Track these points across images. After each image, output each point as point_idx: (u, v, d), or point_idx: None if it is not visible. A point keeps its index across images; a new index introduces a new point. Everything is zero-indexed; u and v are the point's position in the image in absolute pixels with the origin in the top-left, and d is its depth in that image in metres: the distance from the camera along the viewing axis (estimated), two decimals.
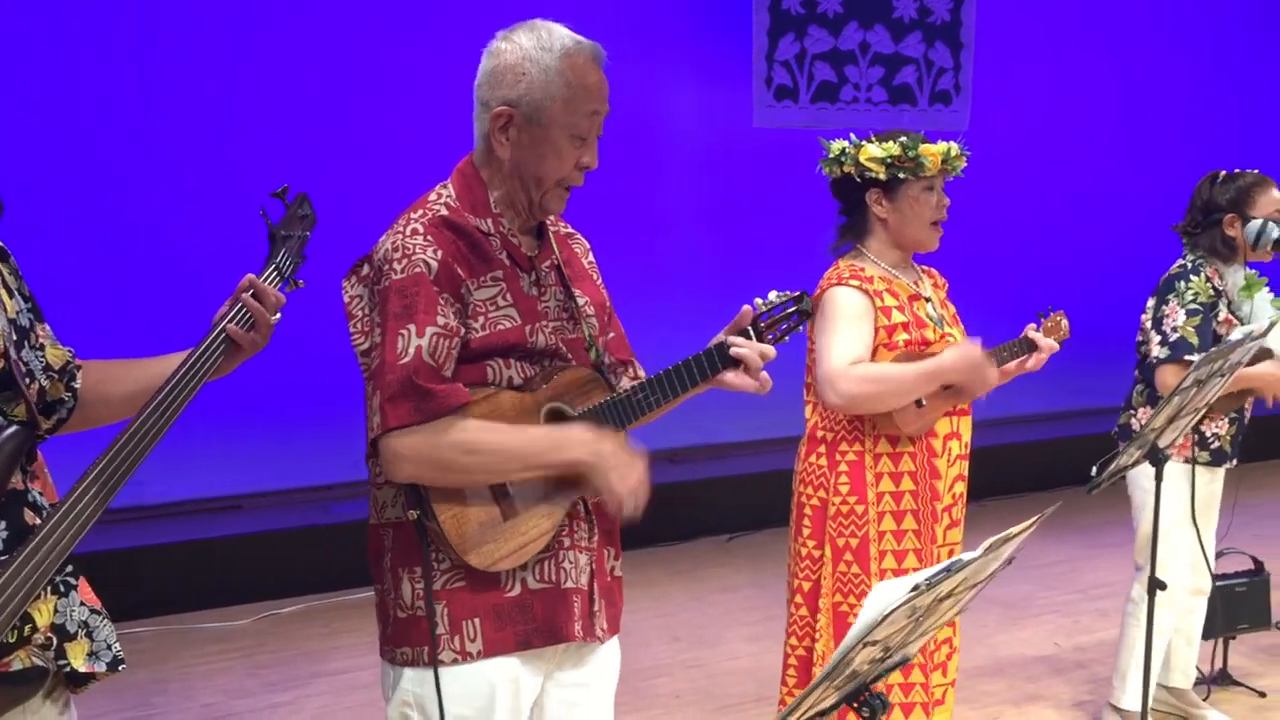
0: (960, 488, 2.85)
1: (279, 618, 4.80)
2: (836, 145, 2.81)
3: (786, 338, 2.12)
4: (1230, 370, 2.61)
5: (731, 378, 2.00)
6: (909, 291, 2.80)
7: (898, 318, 2.73)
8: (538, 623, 1.92)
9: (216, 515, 5.36)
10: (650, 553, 5.57)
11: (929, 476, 2.76)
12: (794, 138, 6.63)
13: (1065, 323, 2.97)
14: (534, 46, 1.87)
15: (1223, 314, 3.37)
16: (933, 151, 2.76)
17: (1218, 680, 4.08)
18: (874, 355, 2.71)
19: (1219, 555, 4.05)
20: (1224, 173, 3.49)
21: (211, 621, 4.75)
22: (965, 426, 2.85)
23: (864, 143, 2.78)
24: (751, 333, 2.04)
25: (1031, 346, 2.81)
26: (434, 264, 1.84)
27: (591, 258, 2.15)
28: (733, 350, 1.99)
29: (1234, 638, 4.10)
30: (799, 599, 2.82)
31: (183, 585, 4.89)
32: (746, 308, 2.06)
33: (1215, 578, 3.98)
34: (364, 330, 1.89)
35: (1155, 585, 2.64)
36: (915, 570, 2.73)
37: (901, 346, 2.71)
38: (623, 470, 1.88)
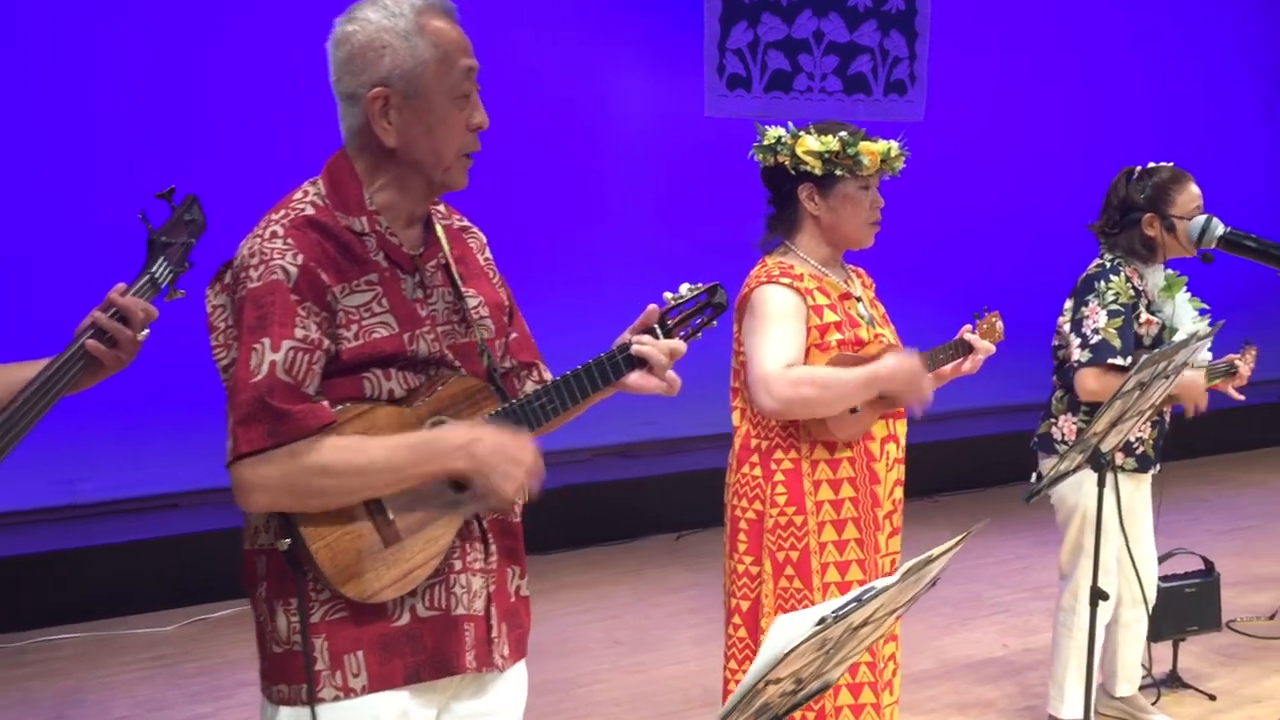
0: (899, 493, 2.74)
1: (207, 624, 4.64)
2: (773, 132, 2.67)
3: (699, 334, 2.00)
4: (1175, 371, 2.52)
5: (636, 379, 1.88)
6: (839, 290, 2.68)
7: (830, 317, 2.61)
8: (428, 654, 1.77)
9: (153, 514, 5.20)
10: (594, 552, 5.46)
11: (869, 482, 2.65)
12: (747, 127, 6.46)
13: (1000, 324, 2.87)
14: (384, 17, 1.71)
15: (1143, 315, 3.27)
16: (872, 150, 2.64)
17: (1168, 683, 4.01)
18: (806, 356, 2.59)
19: (1168, 556, 3.98)
20: (1139, 169, 3.37)
21: (138, 628, 4.58)
22: (902, 428, 2.74)
23: (802, 133, 2.64)
24: (659, 330, 1.91)
25: (967, 349, 2.71)
26: (293, 270, 1.67)
27: (489, 254, 1.99)
28: (635, 349, 1.86)
29: (1184, 640, 4.03)
30: (737, 619, 2.68)
31: (110, 589, 4.72)
32: (652, 306, 1.93)
33: (1163, 579, 3.92)
34: (225, 344, 1.72)
35: (1096, 595, 2.54)
36: (860, 583, 2.62)
37: (834, 347, 2.59)
38: (506, 468, 1.72)
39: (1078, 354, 3.25)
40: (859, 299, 2.73)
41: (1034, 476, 2.44)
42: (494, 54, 6.01)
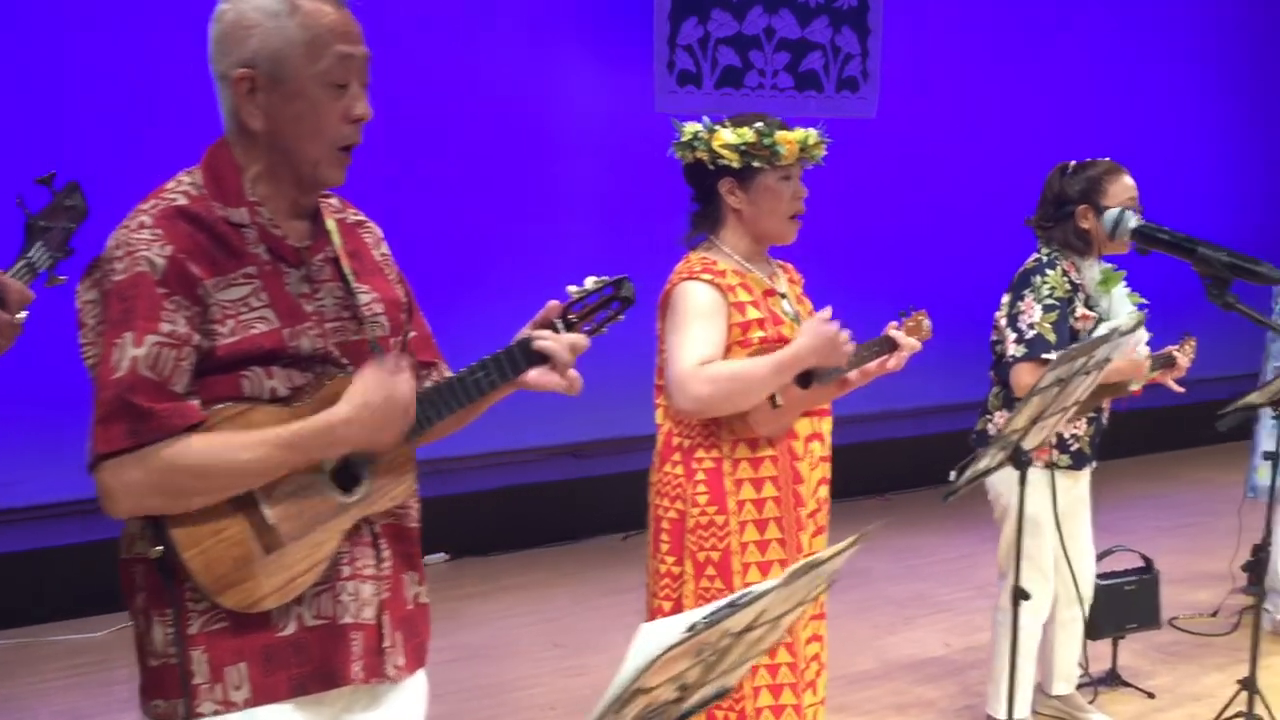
0: (824, 491, 2.69)
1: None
2: (689, 128, 2.62)
3: (605, 329, 1.92)
4: (1097, 367, 2.48)
5: (535, 377, 1.80)
6: (763, 286, 2.63)
7: (752, 314, 2.56)
8: (314, 664, 1.69)
9: (87, 518, 5.08)
10: (536, 554, 5.39)
11: (791, 481, 2.60)
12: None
13: (927, 322, 2.83)
14: None
15: (1079, 309, 3.25)
16: (790, 139, 2.59)
17: (1107, 681, 4.00)
18: (728, 353, 2.54)
19: (1107, 554, 3.96)
20: (1074, 163, 3.37)
21: (66, 634, 4.47)
22: (827, 427, 2.70)
23: (718, 127, 2.59)
24: (560, 325, 1.84)
25: (892, 346, 2.66)
26: (160, 262, 1.59)
27: (385, 249, 1.91)
28: (536, 344, 1.79)
29: (1123, 637, 4.01)
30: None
31: (37, 595, 4.60)
32: (553, 301, 1.86)
33: (1101, 577, 3.90)
34: (95, 341, 1.64)
35: (1018, 594, 2.50)
36: None
37: (757, 344, 2.54)
38: (382, 436, 1.68)
39: (1013, 349, 3.23)
40: (783, 295, 2.69)
41: (952, 474, 2.39)
42: (441, 47, 5.96)
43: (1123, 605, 3.92)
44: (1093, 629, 3.86)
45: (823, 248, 6.84)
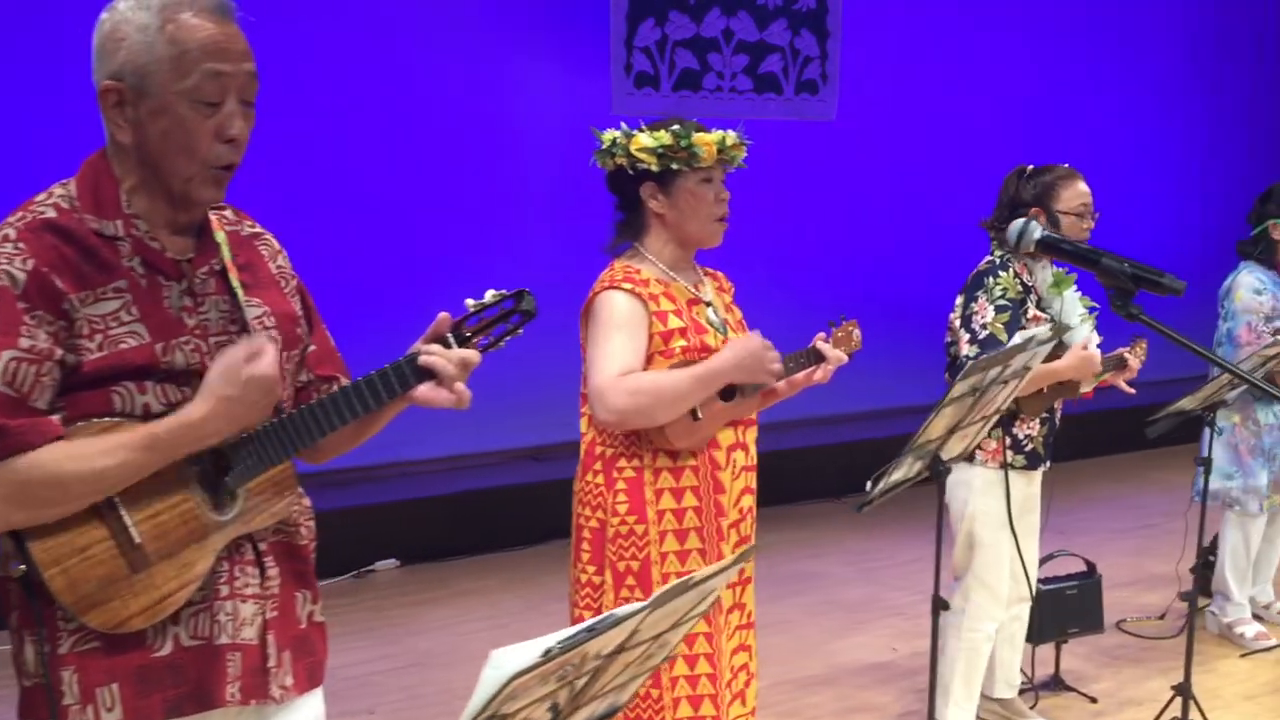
0: (748, 501, 2.65)
1: None
2: (608, 135, 2.60)
3: (503, 343, 1.89)
4: (1015, 376, 2.47)
5: (424, 392, 1.76)
6: (687, 295, 2.60)
7: (674, 323, 2.52)
8: (190, 686, 1.67)
9: None
10: (490, 559, 5.36)
11: (712, 491, 2.56)
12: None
13: (857, 333, 2.79)
14: (130, 6, 1.60)
15: (1031, 311, 3.25)
16: (707, 141, 2.56)
17: (1050, 686, 4.00)
18: (649, 364, 2.51)
19: (1049, 558, 3.97)
20: (1031, 167, 3.39)
21: None
22: (751, 436, 2.67)
23: (635, 132, 2.57)
24: (452, 340, 1.80)
25: (819, 357, 2.64)
26: (21, 276, 1.56)
27: (283, 262, 1.87)
28: (422, 360, 1.74)
29: (1066, 641, 4.01)
30: None
31: None
32: (444, 314, 1.81)
33: (1044, 581, 3.91)
34: None
35: (937, 604, 2.50)
36: None
37: (679, 354, 2.50)
38: (245, 412, 1.64)
39: (966, 349, 3.24)
40: (709, 304, 2.65)
41: (868, 484, 2.38)
42: (398, 49, 5.91)
43: (1065, 609, 3.92)
44: (1035, 633, 3.86)
45: (783, 248, 6.91)
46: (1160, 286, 1.92)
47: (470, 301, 1.89)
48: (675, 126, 2.55)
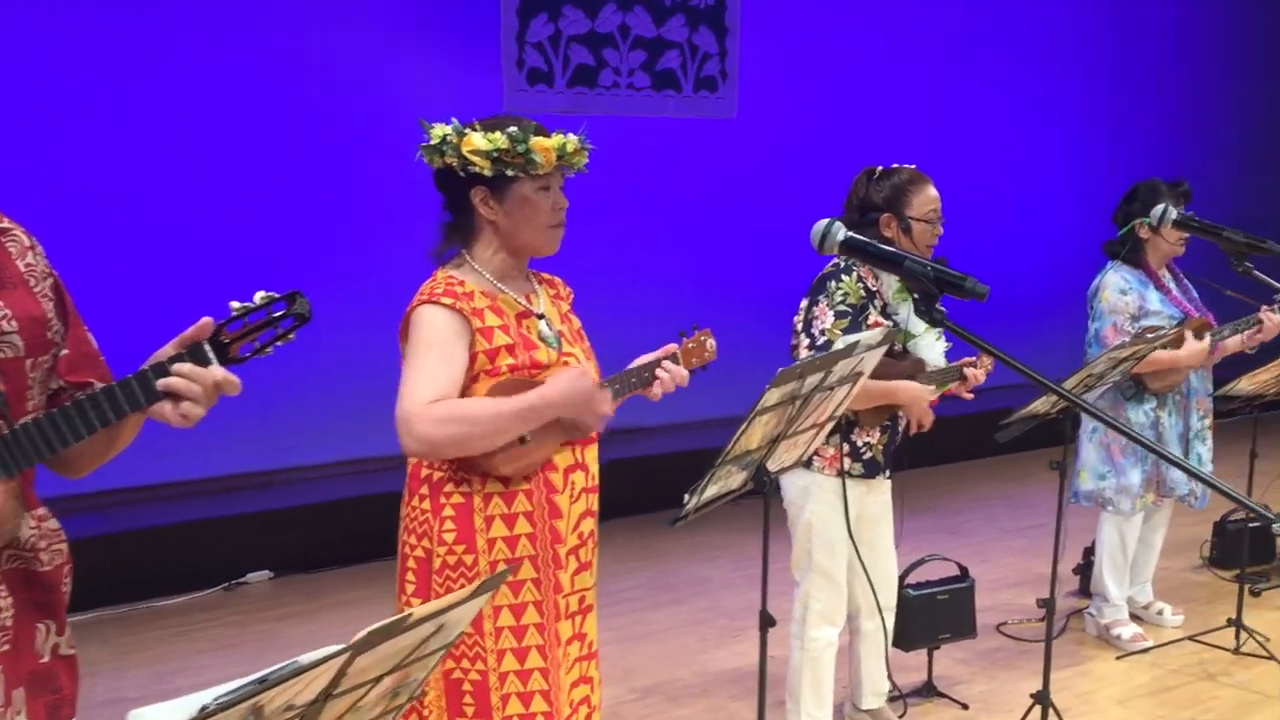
0: (589, 525, 2.47)
1: None
2: (437, 131, 2.41)
3: (270, 349, 1.75)
4: (846, 381, 2.38)
5: (167, 411, 1.63)
6: (517, 308, 2.41)
7: (501, 339, 2.34)
8: None
9: None
10: (366, 569, 5.18)
11: (548, 517, 2.38)
12: (550, 124, 6.30)
13: (711, 342, 2.63)
14: None
15: (873, 316, 3.18)
16: (546, 146, 2.37)
17: (923, 693, 3.94)
18: (474, 384, 2.32)
19: (920, 563, 3.91)
20: (880, 168, 3.31)
21: None
22: (592, 456, 2.48)
23: (468, 131, 2.39)
24: (208, 349, 1.65)
25: (653, 380, 2.48)
26: None
27: (33, 259, 1.72)
28: (161, 384, 1.60)
29: (937, 648, 3.96)
30: None
31: None
32: (206, 319, 1.65)
33: (915, 586, 3.85)
34: None
35: (765, 621, 2.40)
36: (538, 626, 2.39)
37: (506, 373, 2.32)
38: None
39: (805, 354, 3.16)
40: (541, 316, 2.47)
41: (686, 497, 2.27)
42: (277, 42, 5.71)
43: (936, 615, 3.86)
44: (906, 640, 3.80)
45: (684, 245, 6.82)
46: (963, 290, 1.84)
47: (235, 304, 1.75)
48: (512, 129, 2.36)
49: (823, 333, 3.15)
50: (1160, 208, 3.24)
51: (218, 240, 5.25)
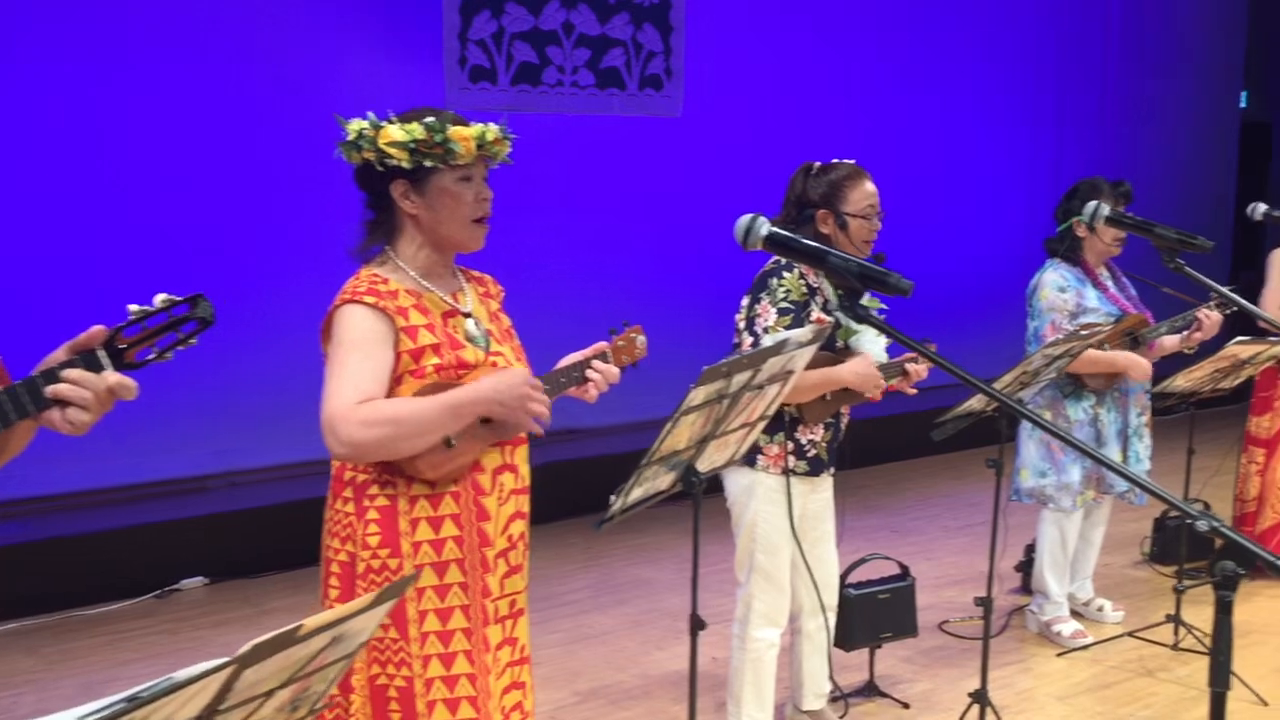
0: (519, 527, 2.41)
1: None
2: (354, 125, 2.35)
3: (170, 354, 1.69)
4: (777, 379, 2.35)
5: (55, 418, 1.56)
6: (443, 307, 2.36)
7: (426, 338, 2.28)
8: None
9: None
10: (306, 574, 5.08)
11: (476, 520, 2.32)
12: (494, 121, 6.23)
13: (641, 339, 2.59)
14: None
15: (815, 313, 3.15)
16: (465, 135, 2.31)
17: (864, 692, 3.92)
18: (399, 384, 2.26)
19: (861, 562, 3.89)
20: (818, 164, 3.29)
21: None
22: (522, 457, 2.42)
23: (384, 124, 2.33)
24: (101, 355, 1.59)
25: (585, 377, 2.44)
26: None
27: None
28: (48, 390, 1.53)
29: (879, 647, 3.94)
30: None
31: None
32: (98, 326, 1.60)
33: (856, 586, 3.83)
34: None
35: (695, 624, 2.36)
36: (465, 631, 2.34)
37: (432, 373, 2.27)
38: None
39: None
40: (468, 315, 2.41)
41: (611, 498, 2.23)
42: (221, 37, 5.59)
43: (877, 614, 3.85)
44: (847, 639, 3.79)
45: (629, 244, 6.77)
46: (886, 286, 1.81)
47: (133, 308, 1.69)
48: (429, 119, 2.30)
49: (766, 330, 3.13)
50: (1092, 205, 3.24)
51: (155, 243, 5.14)
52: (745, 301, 3.25)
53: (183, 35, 5.25)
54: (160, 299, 1.72)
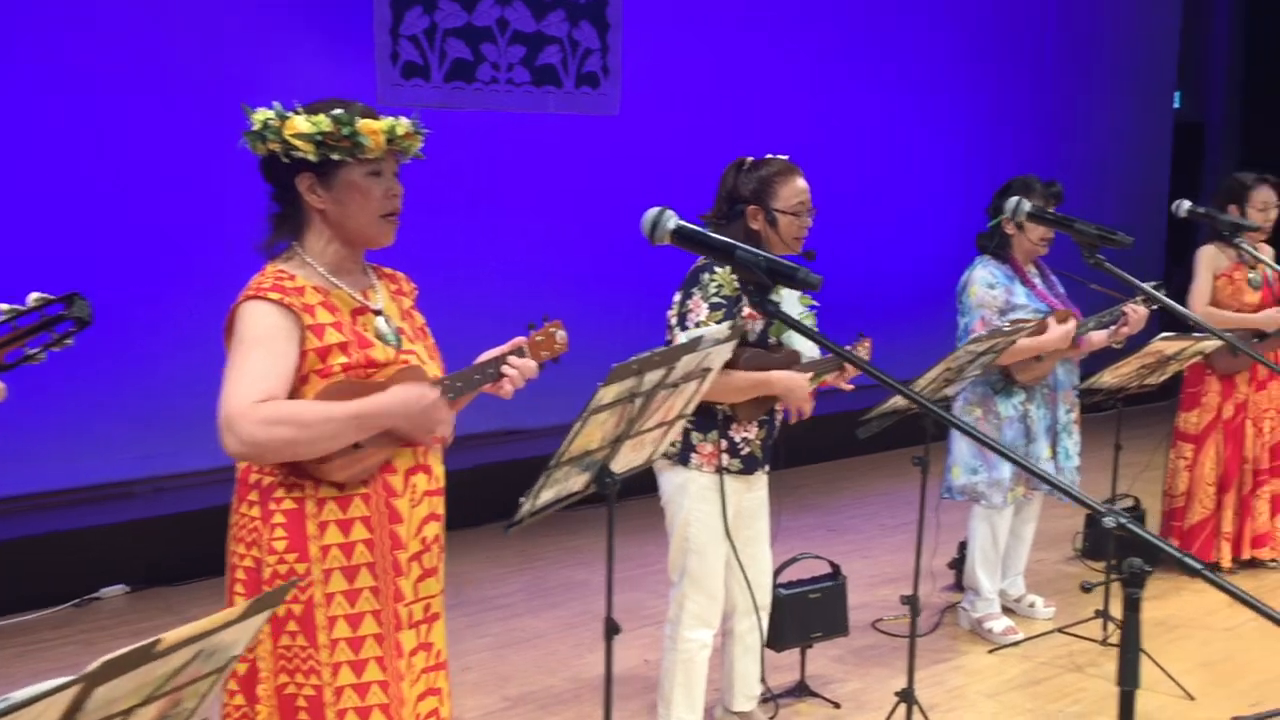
0: (433, 529, 2.36)
1: None
2: (259, 116, 2.27)
3: (44, 355, 1.62)
4: (694, 377, 2.31)
5: None
6: (352, 304, 2.29)
7: (333, 337, 2.22)
8: None
9: None
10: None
11: (387, 522, 2.26)
12: (426, 119, 6.10)
13: (561, 334, 2.51)
14: None
15: (745, 309, 3.12)
16: (374, 128, 2.25)
17: (795, 693, 3.90)
18: (304, 384, 2.20)
19: (791, 562, 3.86)
20: (750, 160, 3.26)
21: None
22: (436, 457, 2.38)
23: (290, 115, 2.25)
24: None
25: (497, 375, 2.38)
26: None
27: None
28: None
29: (810, 647, 3.92)
30: (233, 685, 2.27)
31: None
32: None
33: (786, 585, 3.80)
34: None
35: (610, 628, 2.31)
36: (376, 637, 2.25)
37: (339, 372, 2.20)
38: None
39: None
40: (379, 312, 2.35)
41: (521, 500, 2.17)
42: (145, 30, 5.45)
43: (808, 614, 3.82)
44: (777, 639, 3.76)
45: (566, 243, 6.71)
46: (794, 281, 1.77)
47: (3, 306, 1.61)
48: (337, 111, 2.24)
49: (698, 325, 3.09)
50: (1014, 200, 3.24)
51: (73, 244, 5.00)
52: (677, 297, 3.21)
53: (106, 28, 5.11)
54: (33, 298, 1.66)
